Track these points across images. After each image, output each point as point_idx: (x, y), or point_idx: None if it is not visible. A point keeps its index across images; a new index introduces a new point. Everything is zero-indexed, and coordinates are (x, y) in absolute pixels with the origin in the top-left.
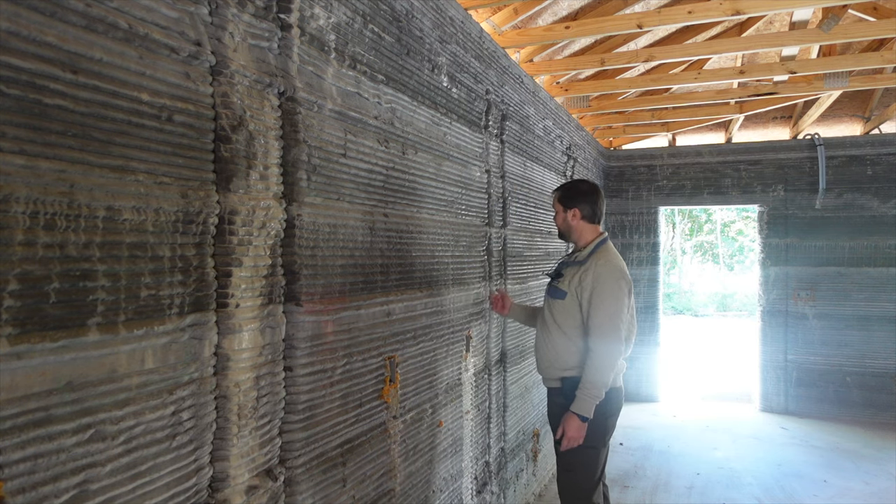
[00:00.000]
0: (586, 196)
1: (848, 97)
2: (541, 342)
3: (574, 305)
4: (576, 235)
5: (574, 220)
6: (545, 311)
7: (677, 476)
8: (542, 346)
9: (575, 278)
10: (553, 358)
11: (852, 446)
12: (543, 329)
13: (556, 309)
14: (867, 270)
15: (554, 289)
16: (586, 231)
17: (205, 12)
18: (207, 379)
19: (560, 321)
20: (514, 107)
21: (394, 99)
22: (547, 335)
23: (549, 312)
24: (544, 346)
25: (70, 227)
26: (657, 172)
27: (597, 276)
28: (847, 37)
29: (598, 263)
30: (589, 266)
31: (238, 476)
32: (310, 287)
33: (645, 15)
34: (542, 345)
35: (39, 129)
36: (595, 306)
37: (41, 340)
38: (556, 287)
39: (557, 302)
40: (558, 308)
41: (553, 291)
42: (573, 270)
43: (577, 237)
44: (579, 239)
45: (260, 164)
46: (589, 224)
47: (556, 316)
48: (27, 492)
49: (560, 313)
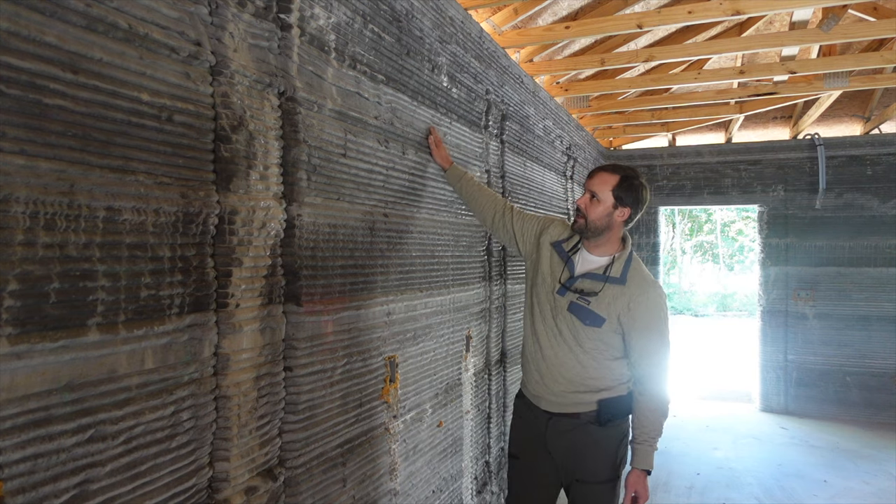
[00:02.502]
0: (643, 202)
1: (848, 97)
2: (554, 353)
3: (613, 336)
4: (605, 239)
5: (618, 220)
6: (558, 326)
7: (677, 476)
8: (557, 358)
9: (618, 303)
10: (581, 374)
11: (852, 446)
12: (555, 342)
13: (586, 335)
14: (867, 270)
15: (584, 310)
16: (618, 235)
17: (205, 12)
18: (207, 379)
19: (588, 347)
20: (514, 107)
21: (394, 99)
22: (563, 349)
23: (572, 335)
24: (562, 358)
25: (70, 227)
26: (657, 172)
27: (652, 308)
28: (847, 37)
29: (649, 291)
30: (635, 291)
31: (238, 476)
32: (310, 287)
33: (645, 15)
34: (557, 357)
35: (39, 129)
36: (656, 349)
37: (41, 340)
38: (587, 308)
39: (589, 329)
40: (590, 335)
41: (582, 313)
42: (613, 291)
43: (605, 241)
44: (607, 244)
45: (260, 164)
46: (622, 229)
47: (582, 342)
48: (27, 492)
49: (591, 340)
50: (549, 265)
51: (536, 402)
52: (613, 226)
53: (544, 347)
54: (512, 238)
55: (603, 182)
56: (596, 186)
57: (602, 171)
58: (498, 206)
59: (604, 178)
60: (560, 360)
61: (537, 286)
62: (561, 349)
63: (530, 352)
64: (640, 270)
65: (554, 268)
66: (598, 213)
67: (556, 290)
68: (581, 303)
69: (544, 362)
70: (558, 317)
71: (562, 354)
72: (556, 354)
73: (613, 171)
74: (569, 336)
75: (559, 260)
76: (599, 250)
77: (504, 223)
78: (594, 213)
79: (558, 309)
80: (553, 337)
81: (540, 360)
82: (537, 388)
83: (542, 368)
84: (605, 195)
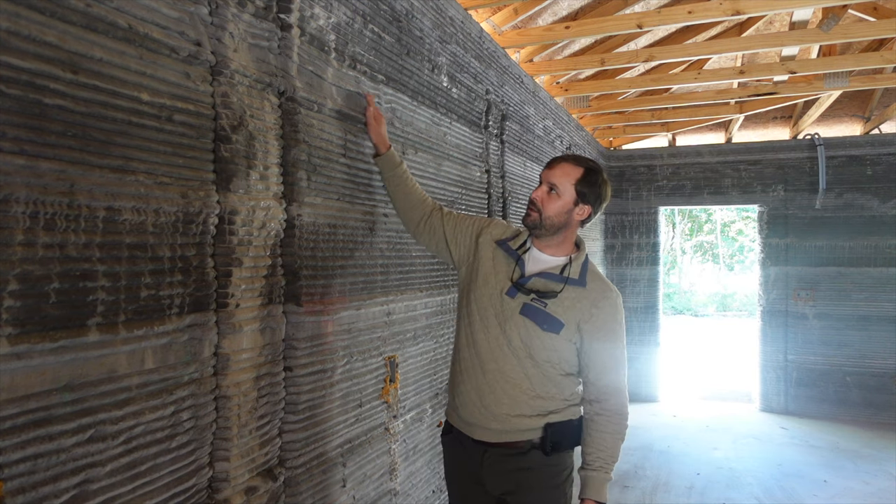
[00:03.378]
0: (604, 201)
1: (848, 97)
2: (498, 367)
3: (568, 346)
4: (560, 238)
5: (577, 219)
6: (507, 334)
7: (677, 476)
8: (503, 373)
9: (578, 307)
10: (529, 391)
11: (852, 446)
12: (501, 353)
13: (541, 343)
14: (867, 270)
15: (541, 313)
16: (573, 236)
17: (205, 12)
18: (207, 379)
19: (541, 359)
20: (514, 107)
21: (394, 99)
22: (510, 361)
23: (523, 343)
24: (508, 372)
25: (70, 227)
26: (657, 172)
27: (615, 314)
28: (847, 37)
29: (611, 295)
30: (597, 296)
31: (238, 476)
32: (310, 287)
33: (645, 15)
34: (502, 372)
35: (39, 129)
36: (618, 362)
37: (41, 340)
38: (544, 311)
39: (546, 336)
40: (545, 343)
41: (539, 316)
42: (573, 294)
43: (559, 241)
44: (562, 244)
45: (260, 164)
46: (578, 229)
47: (535, 352)
48: (27, 492)
49: (545, 349)
50: (492, 266)
51: (469, 431)
52: (571, 225)
53: (486, 361)
54: (441, 242)
55: (564, 174)
56: (556, 178)
57: (564, 162)
58: (427, 208)
59: (566, 170)
60: (505, 375)
61: (477, 290)
62: (507, 362)
63: (466, 368)
64: (598, 274)
65: (500, 267)
66: (556, 208)
67: (505, 291)
68: (537, 304)
69: (485, 378)
70: (507, 322)
71: (508, 368)
72: (501, 368)
73: (577, 163)
74: (519, 345)
75: (506, 259)
76: (552, 250)
77: (431, 226)
78: (551, 208)
79: (508, 313)
80: (499, 347)
81: (480, 377)
82: (472, 412)
83: (481, 386)
84: (565, 189)
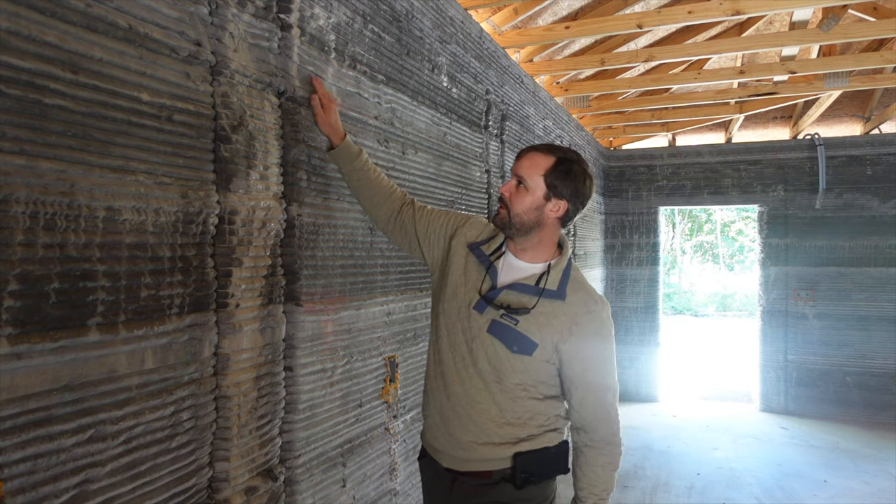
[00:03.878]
0: (585, 196)
1: (848, 97)
2: (463, 390)
3: (544, 367)
4: (535, 240)
5: (551, 217)
6: (473, 354)
7: (677, 476)
8: (468, 397)
9: (556, 325)
10: (497, 419)
11: (852, 446)
12: (466, 375)
13: (511, 366)
14: (867, 270)
15: (511, 331)
16: (553, 237)
17: (205, 12)
18: (207, 379)
19: (511, 384)
20: (514, 107)
21: (394, 99)
22: (476, 384)
23: (491, 366)
24: (473, 397)
25: (70, 227)
26: (657, 172)
27: (601, 332)
28: (847, 37)
29: (596, 310)
30: (579, 310)
31: (238, 476)
32: (310, 287)
33: (645, 15)
34: (468, 396)
35: (39, 129)
36: (607, 386)
37: (41, 340)
38: (514, 330)
39: (516, 358)
40: (516, 366)
41: (508, 335)
42: (550, 308)
43: (535, 242)
44: (539, 247)
45: (260, 164)
46: (559, 229)
47: (505, 376)
48: (27, 492)
49: (516, 373)
50: (462, 274)
51: (437, 458)
52: (545, 223)
53: (451, 383)
54: (413, 242)
55: (533, 165)
56: (524, 170)
57: (533, 152)
58: (395, 202)
59: (534, 160)
60: (471, 400)
61: (445, 302)
62: (473, 385)
63: (432, 389)
64: (583, 283)
65: (470, 276)
66: (525, 204)
67: (472, 305)
68: (506, 322)
69: (449, 402)
70: (474, 341)
71: (474, 392)
72: (467, 392)
73: (548, 152)
74: (486, 368)
75: (478, 267)
76: (529, 255)
77: (402, 222)
78: (520, 204)
79: (475, 330)
80: (464, 369)
81: (443, 401)
82: (438, 438)
83: (445, 411)
84: (534, 182)
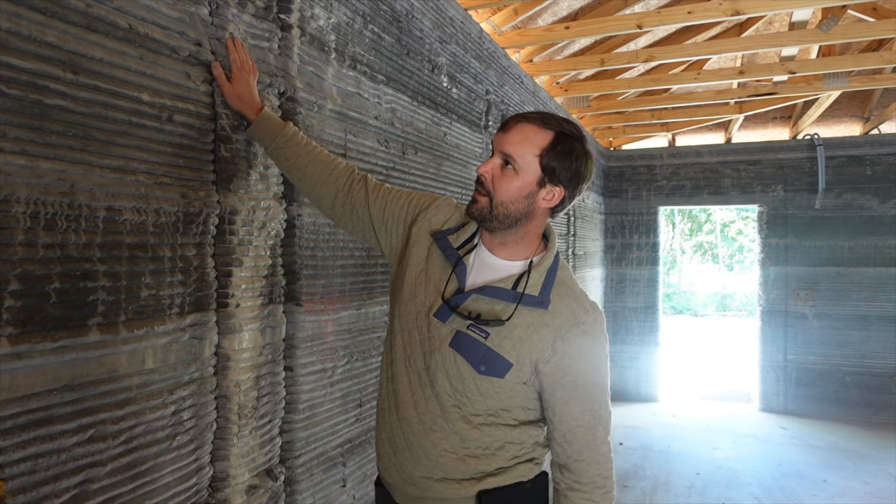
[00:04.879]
0: (585, 181)
1: (847, 97)
2: (416, 414)
3: (520, 390)
4: (519, 234)
5: (542, 206)
6: (430, 372)
7: (677, 475)
8: (422, 424)
9: (535, 341)
10: (459, 450)
11: (851, 446)
12: (422, 396)
13: (478, 389)
14: (866, 270)
15: (478, 347)
16: (539, 230)
17: (205, 12)
18: (208, 379)
19: (477, 410)
20: (514, 107)
21: (394, 99)
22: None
23: (452, 387)
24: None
25: (70, 227)
26: (657, 172)
27: (592, 348)
28: (846, 37)
29: (587, 320)
30: (566, 321)
31: (238, 476)
32: (310, 287)
33: (645, 15)
34: (422, 422)
35: (40, 129)
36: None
37: (41, 340)
38: (482, 345)
39: (484, 381)
40: (484, 390)
41: (474, 352)
42: (528, 319)
43: (518, 237)
44: (522, 241)
45: (260, 165)
46: (546, 220)
47: (469, 401)
48: (27, 491)
49: (484, 397)
50: (423, 270)
51: (390, 490)
52: (535, 214)
53: (403, 405)
54: (368, 227)
55: (525, 140)
56: (512, 146)
57: (524, 123)
58: (341, 178)
59: (526, 134)
60: (425, 428)
61: (402, 304)
62: (428, 409)
63: (382, 409)
64: (571, 288)
65: (432, 275)
66: (512, 191)
67: (433, 311)
68: (474, 334)
69: (400, 428)
70: (433, 355)
71: (429, 418)
72: (421, 417)
73: (543, 125)
74: (446, 389)
75: (442, 262)
76: (508, 250)
77: (352, 205)
78: (505, 190)
79: (434, 342)
80: (419, 388)
81: (394, 425)
82: (388, 469)
83: (395, 438)
84: (526, 162)
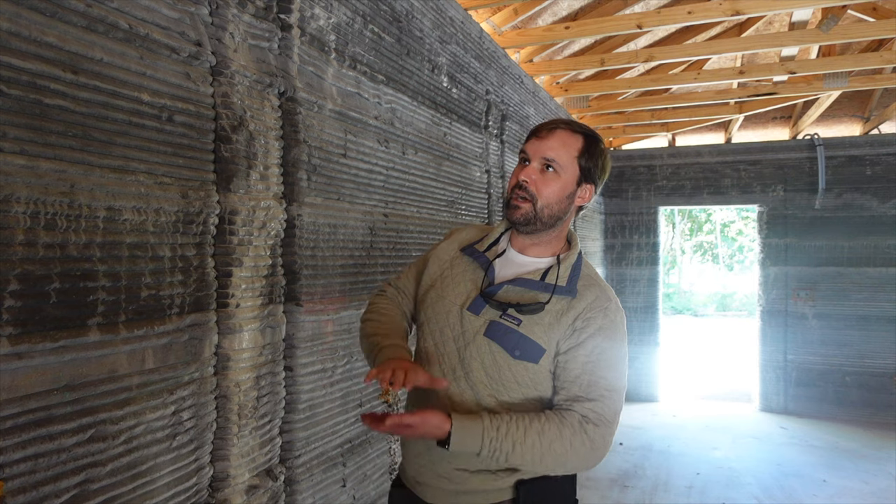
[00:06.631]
0: (605, 175)
1: (847, 97)
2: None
3: (547, 372)
4: (554, 233)
5: (576, 205)
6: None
7: (677, 475)
8: None
9: (561, 324)
10: None
11: (851, 446)
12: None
13: (514, 377)
14: (866, 270)
15: (513, 334)
16: (567, 228)
17: (205, 13)
18: (208, 379)
19: (513, 398)
20: (514, 107)
21: (394, 99)
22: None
23: (488, 376)
24: None
25: (70, 227)
26: (657, 172)
27: (611, 328)
28: (846, 37)
29: (608, 306)
30: (591, 304)
31: (238, 476)
32: (310, 287)
33: (645, 15)
34: None
35: (40, 129)
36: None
37: (42, 340)
38: (516, 332)
39: (519, 367)
40: (519, 377)
41: (509, 339)
42: (558, 307)
43: (551, 237)
44: (553, 241)
45: (260, 165)
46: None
47: (504, 389)
48: (28, 491)
49: (519, 386)
50: (449, 276)
51: (419, 491)
52: (569, 214)
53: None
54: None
55: (564, 145)
56: (554, 151)
57: (560, 130)
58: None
59: (564, 140)
60: None
61: (430, 307)
62: (464, 402)
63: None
64: (596, 279)
65: (460, 276)
66: (556, 192)
67: (466, 305)
68: (507, 322)
69: None
70: (467, 348)
71: (465, 412)
72: (456, 409)
73: (572, 130)
74: (482, 379)
75: (472, 265)
76: (539, 249)
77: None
78: (549, 192)
79: (468, 335)
80: (454, 382)
81: None
82: (420, 467)
83: None
84: (566, 165)
